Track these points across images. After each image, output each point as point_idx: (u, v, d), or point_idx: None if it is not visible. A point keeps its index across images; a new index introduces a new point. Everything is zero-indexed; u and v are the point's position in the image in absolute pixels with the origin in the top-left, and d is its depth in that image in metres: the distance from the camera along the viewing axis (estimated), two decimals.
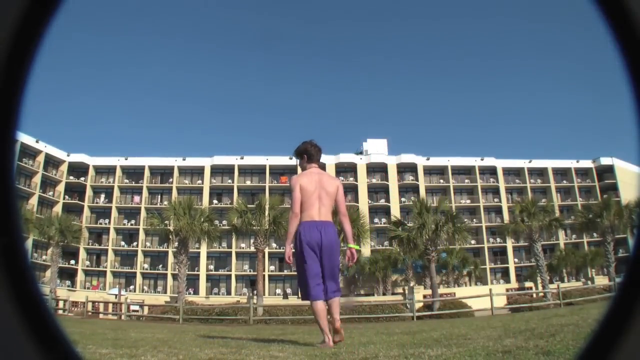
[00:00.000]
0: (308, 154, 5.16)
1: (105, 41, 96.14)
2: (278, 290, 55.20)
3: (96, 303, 39.57)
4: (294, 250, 4.77)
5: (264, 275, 38.47)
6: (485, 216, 60.14)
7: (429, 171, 62.39)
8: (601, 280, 38.23)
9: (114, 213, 57.91)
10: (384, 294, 42.94)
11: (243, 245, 54.44)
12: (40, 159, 53.48)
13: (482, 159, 62.28)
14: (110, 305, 39.44)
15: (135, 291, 52.39)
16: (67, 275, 53.00)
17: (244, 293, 50.90)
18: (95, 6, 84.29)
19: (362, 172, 60.40)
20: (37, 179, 52.74)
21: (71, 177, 57.74)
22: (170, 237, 31.71)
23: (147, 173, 59.76)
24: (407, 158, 61.35)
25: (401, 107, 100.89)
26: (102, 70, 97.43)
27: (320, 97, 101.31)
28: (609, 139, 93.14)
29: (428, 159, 61.94)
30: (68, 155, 57.91)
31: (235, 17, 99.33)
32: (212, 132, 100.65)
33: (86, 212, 57.29)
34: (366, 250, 48.58)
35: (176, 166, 60.20)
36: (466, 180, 62.26)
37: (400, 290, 43.72)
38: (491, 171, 62.61)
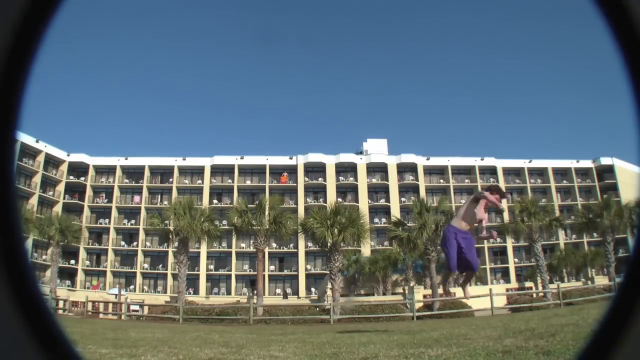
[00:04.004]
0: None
1: (105, 42, 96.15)
2: (278, 290, 55.19)
3: (96, 303, 39.57)
4: None
5: (264, 275, 38.45)
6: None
7: (429, 171, 62.37)
8: (601, 280, 38.19)
9: (114, 213, 57.90)
10: (384, 294, 42.89)
11: (243, 245, 54.44)
12: (40, 158, 53.46)
13: (482, 159, 62.25)
14: (110, 305, 39.44)
15: (135, 291, 52.36)
16: (67, 275, 52.97)
17: (244, 293, 50.88)
18: (95, 7, 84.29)
19: (362, 172, 60.39)
20: (37, 179, 52.72)
21: (71, 177, 57.72)
22: (171, 237, 31.70)
23: (147, 173, 59.75)
24: (407, 158, 61.32)
25: (401, 107, 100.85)
26: (102, 71, 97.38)
27: (320, 97, 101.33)
28: (609, 139, 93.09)
29: (428, 159, 61.93)
30: (68, 155, 57.89)
31: (235, 17, 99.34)
32: (212, 132, 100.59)
33: (86, 212, 57.28)
34: (366, 250, 48.58)
35: (176, 166, 60.18)
36: (466, 180, 62.22)
37: (400, 290, 43.66)
38: (491, 171, 62.59)
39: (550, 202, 52.77)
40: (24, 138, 48.49)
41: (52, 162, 55.98)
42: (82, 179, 58.17)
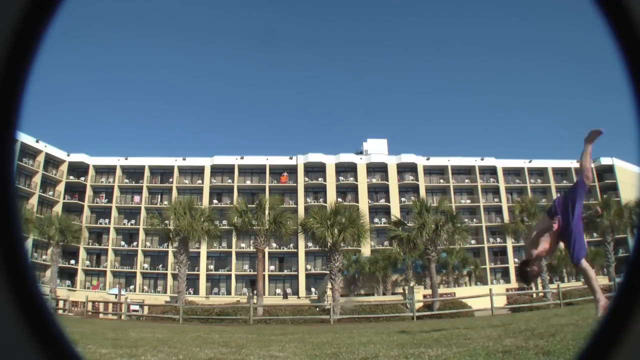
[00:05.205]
0: None
1: (105, 42, 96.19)
2: (278, 290, 55.20)
3: (96, 303, 39.58)
4: None
5: (264, 275, 38.45)
6: (485, 216, 60.11)
7: (429, 171, 62.36)
8: (601, 280, 38.04)
9: (114, 213, 57.89)
10: (384, 294, 42.91)
11: (243, 245, 54.43)
12: (40, 158, 53.45)
13: (482, 159, 62.23)
14: (110, 305, 39.45)
15: (135, 291, 52.35)
16: (67, 275, 52.97)
17: (244, 293, 50.88)
18: (95, 7, 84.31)
19: (362, 172, 60.39)
20: (37, 179, 52.71)
21: (71, 177, 57.71)
22: (171, 237, 31.69)
23: (147, 173, 59.74)
24: (407, 158, 61.32)
25: (401, 107, 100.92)
26: (102, 71, 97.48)
27: (320, 97, 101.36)
28: (609, 139, 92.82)
29: (428, 159, 61.92)
30: (68, 155, 57.88)
31: (235, 17, 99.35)
32: (212, 132, 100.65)
33: (86, 212, 57.27)
34: (366, 250, 48.58)
35: (176, 166, 60.18)
36: (466, 180, 62.22)
37: (400, 290, 43.70)
38: (491, 171, 62.58)
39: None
40: (24, 138, 48.48)
41: (52, 162, 55.97)
42: (82, 179, 58.16)
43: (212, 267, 56.11)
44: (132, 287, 54.01)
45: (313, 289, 53.35)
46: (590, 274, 5.82)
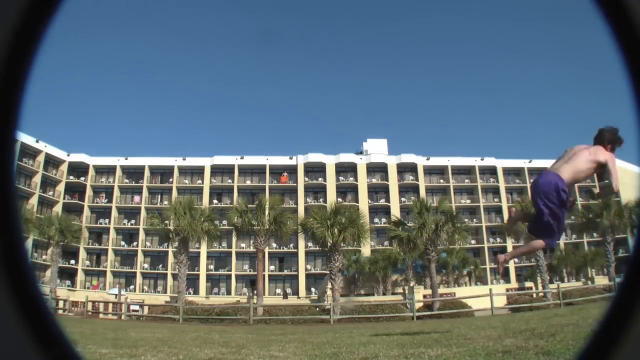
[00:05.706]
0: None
1: (105, 42, 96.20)
2: (278, 290, 55.20)
3: (96, 303, 39.58)
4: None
5: (264, 275, 38.45)
6: (485, 216, 60.10)
7: (429, 171, 62.35)
8: (601, 280, 38.16)
9: (114, 213, 57.89)
10: (384, 294, 42.90)
11: (243, 245, 54.42)
12: (40, 158, 53.44)
13: (482, 159, 62.23)
14: (110, 305, 39.44)
15: (135, 291, 52.34)
16: (67, 275, 52.96)
17: (244, 293, 50.87)
18: (95, 7, 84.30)
19: (362, 172, 60.38)
20: (37, 179, 52.71)
21: (71, 177, 57.70)
22: (171, 237, 31.69)
23: (147, 173, 59.73)
24: (407, 158, 61.32)
25: (401, 107, 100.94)
26: (102, 71, 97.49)
27: (320, 97, 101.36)
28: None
29: (428, 159, 61.91)
30: (68, 155, 57.87)
31: (234, 17, 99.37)
32: (212, 132, 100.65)
33: (86, 212, 57.26)
34: (366, 250, 48.58)
35: (176, 166, 60.17)
36: (466, 180, 62.21)
37: (400, 290, 43.69)
38: (491, 171, 62.57)
39: None
40: (24, 138, 48.47)
41: (52, 162, 55.96)
42: (82, 179, 58.15)
43: (212, 267, 56.09)
44: (132, 287, 54.00)
45: (313, 289, 53.35)
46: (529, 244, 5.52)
